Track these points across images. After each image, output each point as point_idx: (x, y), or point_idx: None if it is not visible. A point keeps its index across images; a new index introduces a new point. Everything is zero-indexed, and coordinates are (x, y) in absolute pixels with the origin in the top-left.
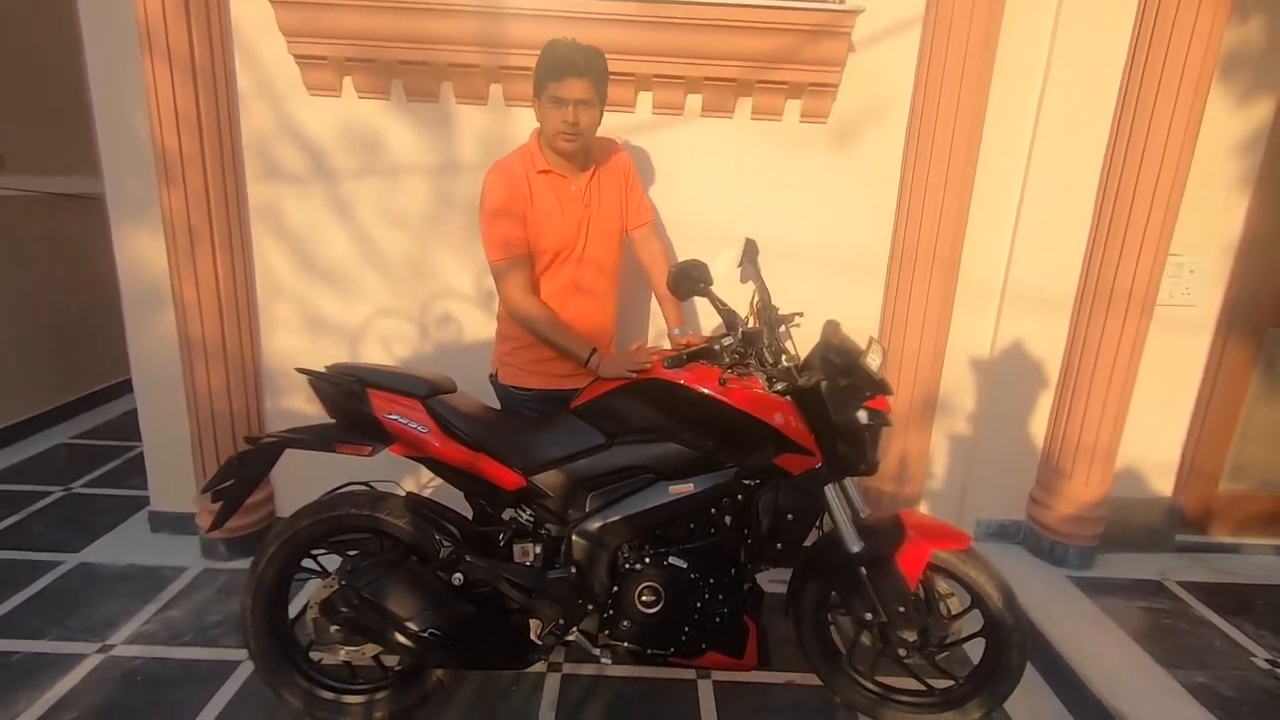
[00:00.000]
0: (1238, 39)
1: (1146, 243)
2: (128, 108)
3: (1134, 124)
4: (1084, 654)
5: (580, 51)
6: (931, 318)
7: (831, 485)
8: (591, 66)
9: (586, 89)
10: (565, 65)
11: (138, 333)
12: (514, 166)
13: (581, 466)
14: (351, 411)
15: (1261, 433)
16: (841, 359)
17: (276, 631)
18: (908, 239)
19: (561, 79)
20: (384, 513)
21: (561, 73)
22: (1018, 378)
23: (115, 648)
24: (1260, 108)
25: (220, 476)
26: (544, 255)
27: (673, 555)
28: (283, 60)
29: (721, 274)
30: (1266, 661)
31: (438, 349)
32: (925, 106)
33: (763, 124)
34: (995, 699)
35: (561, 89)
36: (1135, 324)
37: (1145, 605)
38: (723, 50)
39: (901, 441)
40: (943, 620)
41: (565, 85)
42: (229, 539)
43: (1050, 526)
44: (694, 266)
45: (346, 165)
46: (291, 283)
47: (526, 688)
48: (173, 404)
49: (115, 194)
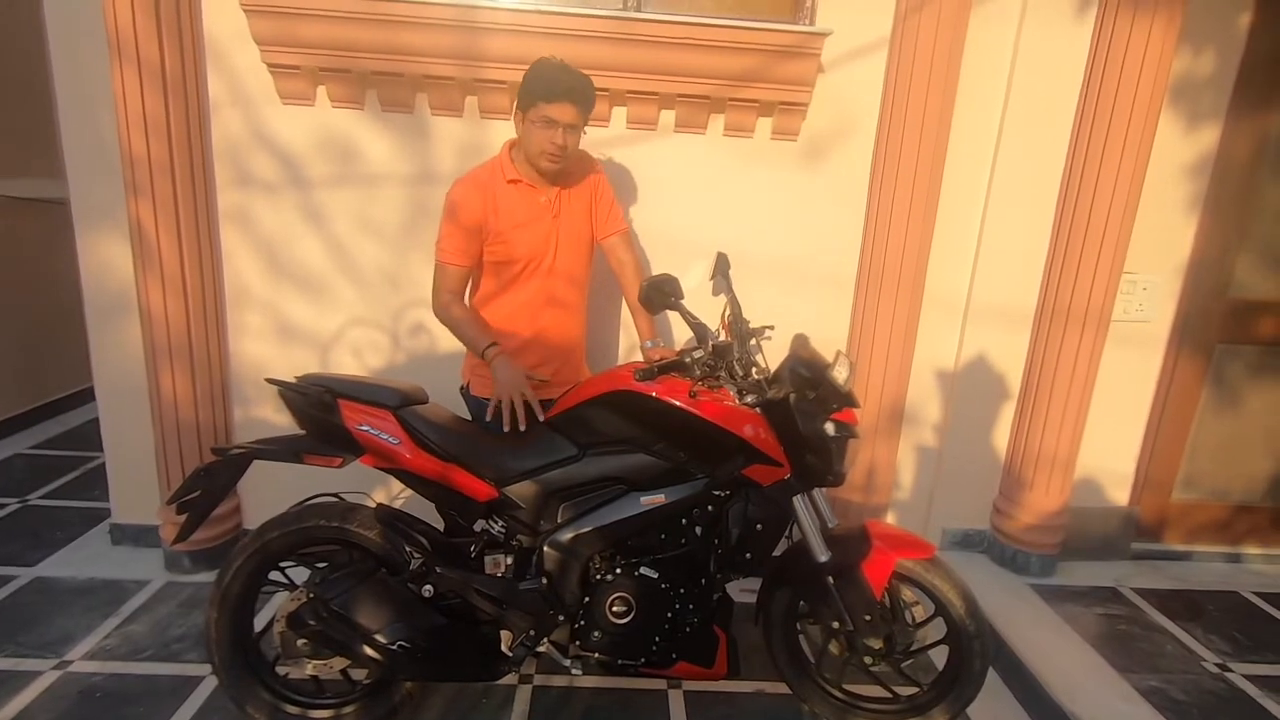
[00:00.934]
0: (1185, 68)
1: (1102, 261)
2: (94, 111)
3: (1089, 147)
4: (1044, 659)
5: (576, 77)
6: (898, 332)
7: (800, 496)
8: (584, 94)
9: (576, 115)
10: (562, 89)
11: (101, 340)
12: (483, 177)
13: (553, 477)
14: (321, 422)
15: (1211, 444)
16: (810, 372)
17: (242, 646)
18: (875, 255)
19: (555, 101)
20: (354, 524)
21: (557, 96)
22: (981, 391)
23: (73, 664)
24: (1206, 134)
25: (186, 488)
26: (514, 265)
27: (644, 566)
28: (256, 69)
29: (693, 287)
30: (1216, 665)
31: (410, 359)
32: (892, 127)
33: (735, 140)
34: (959, 704)
35: (554, 110)
36: (1092, 339)
37: (1102, 612)
38: (695, 68)
39: (869, 453)
40: (908, 628)
41: (558, 108)
42: (193, 552)
43: (1013, 535)
44: (665, 281)
45: (319, 174)
46: (262, 291)
47: (497, 699)
48: (137, 414)
49: (80, 199)
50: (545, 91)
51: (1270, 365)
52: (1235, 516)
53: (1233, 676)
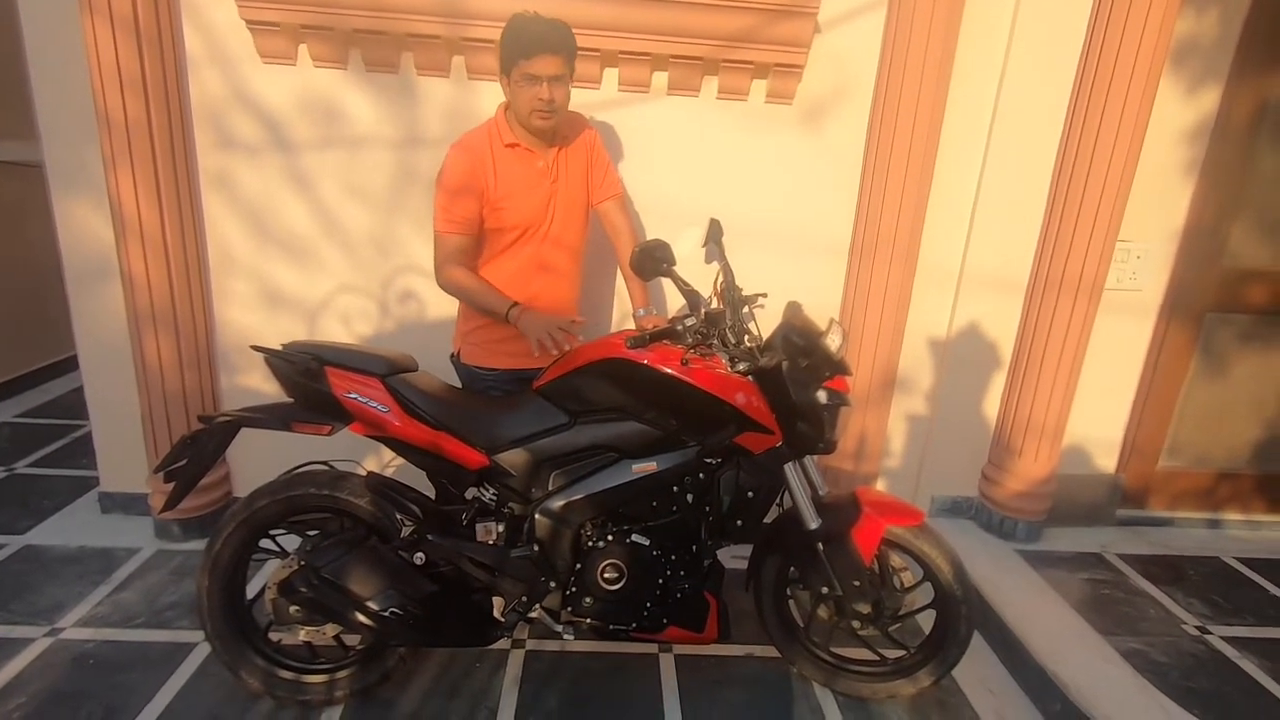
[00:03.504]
0: (1188, 30)
1: (1097, 229)
2: (68, 69)
3: (1087, 113)
4: (1028, 623)
5: (551, 26)
6: (891, 299)
7: (791, 464)
8: (563, 41)
9: (560, 65)
10: (537, 41)
11: (83, 307)
12: (478, 142)
13: (545, 445)
14: (309, 390)
15: (1198, 412)
16: (802, 340)
17: (234, 612)
18: (869, 222)
19: (534, 55)
20: (344, 492)
21: (533, 49)
22: (973, 359)
23: (64, 631)
24: (1206, 98)
25: (173, 456)
26: (510, 232)
27: (635, 533)
28: (235, 25)
29: (686, 254)
30: (1195, 628)
31: (399, 327)
32: (889, 92)
33: (729, 104)
34: (944, 667)
35: (534, 66)
36: (1084, 308)
37: (1087, 577)
38: (689, 28)
39: (860, 420)
40: (896, 593)
41: (538, 62)
42: (183, 520)
43: (1000, 502)
44: (657, 247)
45: (303, 136)
46: (247, 256)
47: (490, 664)
48: (122, 381)
49: (55, 161)
50: (522, 48)
51: (1258, 334)
52: (1218, 483)
53: (1212, 639)
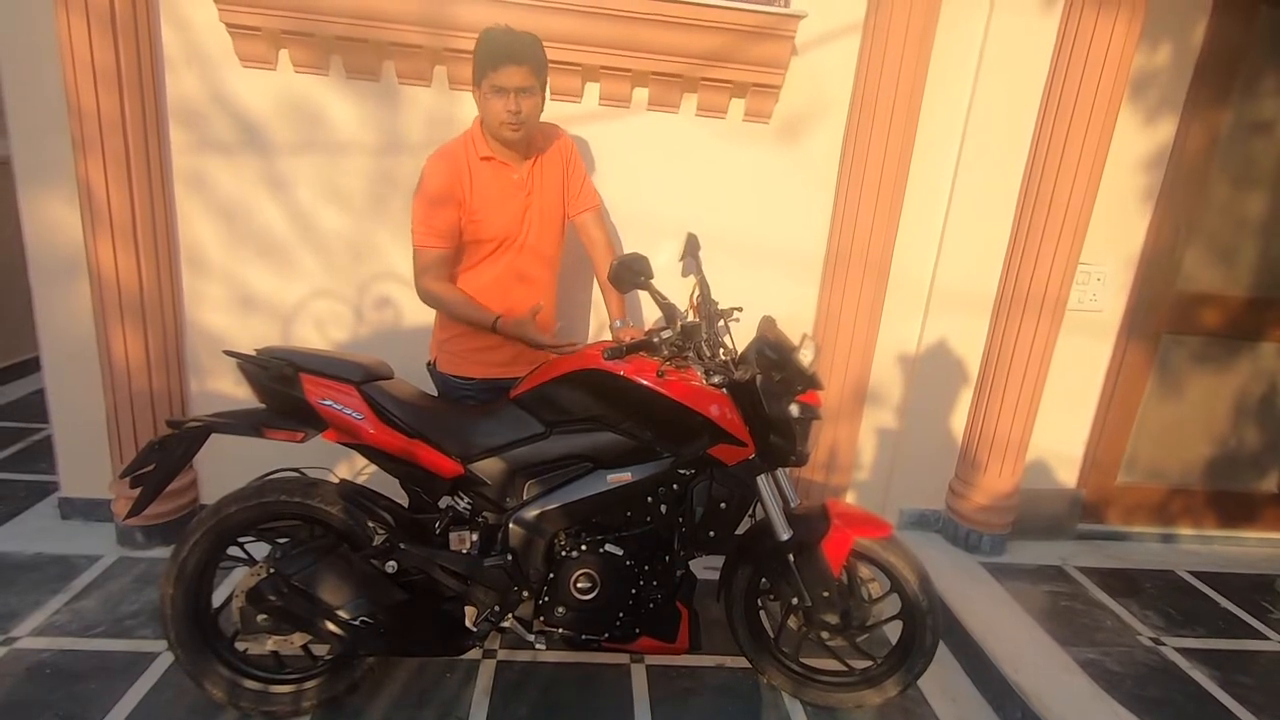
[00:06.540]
0: (1145, 63)
1: (1060, 251)
2: (39, 62)
3: (1052, 137)
4: (991, 633)
5: (517, 38)
6: (863, 315)
7: (764, 475)
8: (529, 53)
9: (526, 75)
10: (503, 53)
11: (47, 306)
12: (456, 152)
13: (520, 454)
14: (282, 396)
15: (1154, 429)
16: (776, 354)
17: (199, 621)
18: (843, 239)
19: (500, 67)
20: (316, 500)
21: (500, 61)
22: (940, 375)
23: (20, 640)
24: (1163, 128)
25: (140, 461)
26: (486, 244)
27: (609, 543)
28: (214, 27)
29: (663, 267)
30: (1149, 639)
31: (374, 334)
32: (863, 112)
33: (707, 121)
34: (910, 676)
35: (500, 77)
36: (1048, 327)
37: (1048, 589)
38: (668, 45)
39: (832, 433)
40: (863, 604)
41: (504, 73)
42: (147, 526)
43: (966, 516)
44: (635, 260)
45: (281, 140)
46: (220, 259)
47: (460, 674)
48: (86, 384)
49: (23, 155)
50: (490, 59)
51: (1210, 355)
52: (1171, 498)
53: (1165, 650)
